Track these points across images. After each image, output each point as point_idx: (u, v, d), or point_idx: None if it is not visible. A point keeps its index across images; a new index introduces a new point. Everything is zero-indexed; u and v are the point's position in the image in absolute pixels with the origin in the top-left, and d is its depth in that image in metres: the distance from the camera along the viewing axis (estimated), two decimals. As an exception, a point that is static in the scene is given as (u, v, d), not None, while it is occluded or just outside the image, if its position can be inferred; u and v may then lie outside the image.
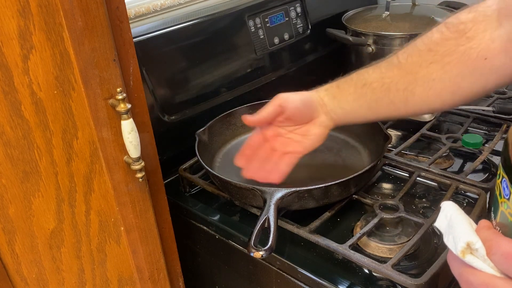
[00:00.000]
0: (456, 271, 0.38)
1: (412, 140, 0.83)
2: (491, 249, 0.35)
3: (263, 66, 0.98)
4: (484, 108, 0.90)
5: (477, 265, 0.36)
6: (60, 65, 0.48)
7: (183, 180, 0.79)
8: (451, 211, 0.38)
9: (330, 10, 1.12)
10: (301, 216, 0.67)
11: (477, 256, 0.36)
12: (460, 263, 0.37)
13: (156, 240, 0.64)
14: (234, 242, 0.70)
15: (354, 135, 0.85)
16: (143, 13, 0.85)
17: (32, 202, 0.51)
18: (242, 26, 0.93)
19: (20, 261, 0.52)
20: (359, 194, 0.71)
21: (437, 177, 0.73)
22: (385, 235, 0.64)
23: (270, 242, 0.56)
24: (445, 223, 0.38)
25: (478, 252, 0.36)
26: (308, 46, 1.08)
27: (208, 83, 0.88)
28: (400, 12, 1.08)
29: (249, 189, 0.65)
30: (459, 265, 0.37)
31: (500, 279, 0.35)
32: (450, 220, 0.38)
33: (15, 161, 0.48)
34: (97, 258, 0.59)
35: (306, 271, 0.61)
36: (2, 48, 0.44)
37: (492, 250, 0.35)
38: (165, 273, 0.67)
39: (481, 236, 0.36)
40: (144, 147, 0.57)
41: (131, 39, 0.54)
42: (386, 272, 0.55)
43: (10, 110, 0.46)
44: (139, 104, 0.57)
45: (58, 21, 0.46)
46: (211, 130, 0.83)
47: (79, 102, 0.51)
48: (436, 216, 0.61)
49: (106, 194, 0.57)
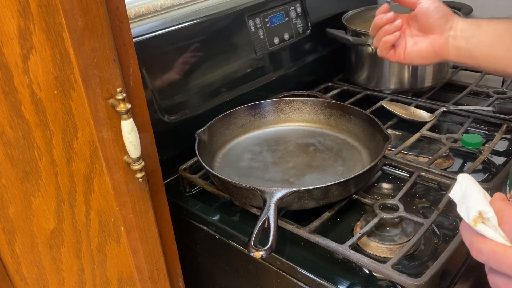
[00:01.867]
0: (467, 240, 0.38)
1: (412, 140, 0.83)
2: (502, 219, 0.36)
3: (263, 66, 0.98)
4: (484, 108, 0.90)
5: (488, 234, 0.36)
6: (60, 65, 0.48)
7: (183, 180, 0.79)
8: (466, 182, 0.39)
9: (330, 10, 1.12)
10: (301, 216, 0.67)
11: (489, 225, 0.36)
12: (472, 232, 0.37)
13: (156, 240, 0.64)
14: (234, 242, 0.70)
15: (354, 135, 0.85)
16: (143, 13, 0.85)
17: (32, 202, 0.51)
18: (242, 26, 0.93)
19: (20, 261, 0.52)
20: (359, 194, 0.71)
21: (437, 177, 0.73)
22: (385, 235, 0.64)
23: (270, 242, 0.56)
24: (460, 194, 0.39)
25: (489, 222, 0.36)
26: (308, 46, 1.08)
27: (208, 83, 0.88)
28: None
29: (249, 189, 0.65)
30: (471, 234, 0.38)
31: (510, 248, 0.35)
32: (465, 191, 0.38)
33: (15, 161, 0.48)
34: (97, 258, 0.59)
35: (306, 271, 0.61)
36: (2, 48, 0.44)
37: (503, 220, 0.36)
38: (165, 273, 0.67)
39: (494, 206, 0.36)
40: (144, 147, 0.57)
41: (131, 39, 0.54)
42: (386, 272, 0.55)
43: (10, 110, 0.46)
44: (139, 104, 0.57)
45: (58, 21, 0.46)
46: (211, 130, 0.83)
47: (79, 102, 0.51)
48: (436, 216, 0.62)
49: (106, 194, 0.57)
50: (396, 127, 0.91)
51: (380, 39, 0.70)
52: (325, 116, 0.90)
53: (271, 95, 0.99)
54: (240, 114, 0.88)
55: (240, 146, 0.87)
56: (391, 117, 0.92)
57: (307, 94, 1.01)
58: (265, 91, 0.99)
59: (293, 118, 0.91)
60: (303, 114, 0.91)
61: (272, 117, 0.91)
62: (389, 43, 0.70)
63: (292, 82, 1.06)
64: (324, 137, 0.87)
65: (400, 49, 0.70)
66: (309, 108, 0.91)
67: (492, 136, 0.83)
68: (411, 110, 0.94)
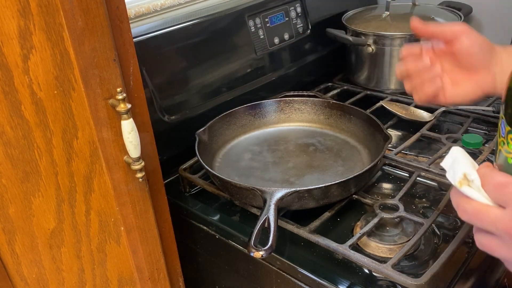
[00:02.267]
0: (454, 202, 0.42)
1: (412, 140, 0.83)
2: (485, 182, 0.40)
3: (263, 66, 0.98)
4: (484, 108, 0.90)
5: (472, 195, 0.40)
6: (60, 65, 0.48)
7: (183, 180, 0.79)
8: (457, 153, 0.42)
9: (330, 10, 1.12)
10: (301, 216, 0.67)
11: (473, 187, 0.40)
12: (459, 195, 0.41)
13: (156, 240, 0.64)
14: (234, 242, 0.70)
15: (354, 135, 0.85)
16: (143, 13, 0.85)
17: (32, 202, 0.51)
18: (242, 26, 0.93)
19: (20, 261, 0.52)
20: (359, 194, 0.71)
21: (437, 177, 0.73)
22: (385, 235, 0.64)
23: (270, 242, 0.56)
24: (450, 163, 0.42)
25: (473, 184, 0.40)
26: (308, 46, 1.08)
27: (208, 83, 0.88)
28: (400, 12, 1.08)
29: (249, 189, 0.65)
30: (458, 197, 0.42)
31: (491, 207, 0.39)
32: (455, 160, 0.42)
33: (15, 161, 0.48)
34: (97, 258, 0.59)
35: (306, 271, 0.61)
36: (2, 48, 0.44)
37: (486, 182, 0.40)
38: (165, 273, 0.67)
39: (479, 172, 0.40)
40: (144, 147, 0.57)
41: (131, 39, 0.54)
42: (386, 272, 0.55)
43: (10, 110, 0.46)
44: (139, 104, 0.57)
45: (58, 21, 0.46)
46: (211, 130, 0.83)
47: (79, 102, 0.51)
48: (436, 216, 0.62)
49: (106, 194, 0.57)
50: (396, 127, 0.91)
51: (415, 87, 0.62)
52: (325, 116, 0.90)
53: (271, 95, 0.99)
54: (240, 114, 0.89)
55: (240, 146, 0.87)
56: (391, 117, 0.92)
57: (307, 94, 1.01)
58: (265, 91, 0.99)
59: (293, 118, 0.91)
60: (303, 114, 0.91)
61: (272, 117, 0.91)
62: (430, 93, 0.61)
63: (292, 82, 1.06)
64: (324, 137, 0.87)
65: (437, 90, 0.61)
66: (309, 108, 0.91)
67: (492, 136, 0.83)
68: (411, 110, 0.94)
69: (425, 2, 1.12)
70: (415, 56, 0.62)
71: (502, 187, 0.38)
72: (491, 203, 0.39)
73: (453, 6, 1.08)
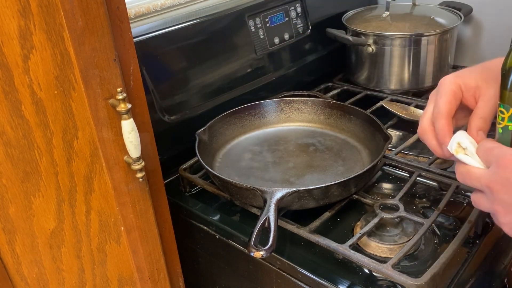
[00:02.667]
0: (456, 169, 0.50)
1: (412, 140, 0.83)
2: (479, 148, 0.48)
3: (263, 66, 0.98)
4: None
5: (466, 160, 0.48)
6: (61, 65, 0.48)
7: (183, 180, 0.79)
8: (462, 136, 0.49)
9: (330, 10, 1.12)
10: (301, 216, 0.67)
11: (468, 154, 0.48)
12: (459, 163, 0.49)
13: (156, 240, 0.64)
14: (234, 242, 0.70)
15: (354, 135, 0.85)
16: (143, 13, 0.85)
17: (32, 202, 0.51)
18: (242, 26, 0.93)
19: (20, 261, 0.52)
20: (359, 194, 0.71)
21: (437, 177, 0.73)
22: (385, 235, 0.64)
23: (270, 242, 0.56)
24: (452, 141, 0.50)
25: (468, 151, 0.48)
26: (308, 46, 1.08)
27: (208, 83, 0.88)
28: (400, 12, 1.08)
29: (249, 189, 0.65)
30: (458, 165, 0.49)
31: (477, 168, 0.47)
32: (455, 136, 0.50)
33: (16, 161, 0.48)
34: (97, 258, 0.59)
35: (306, 271, 0.61)
36: (3, 48, 0.44)
37: (479, 148, 0.48)
38: (165, 273, 0.67)
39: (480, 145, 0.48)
40: (144, 147, 0.57)
41: (131, 39, 0.54)
42: (386, 272, 0.55)
43: (10, 110, 0.46)
44: (139, 104, 0.57)
45: (58, 21, 0.46)
46: (211, 130, 0.83)
47: (79, 102, 0.51)
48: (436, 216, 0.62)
49: (106, 194, 0.57)
50: (396, 127, 0.91)
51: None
52: (325, 116, 0.90)
53: (271, 95, 0.99)
54: (240, 114, 0.89)
55: (240, 146, 0.87)
56: (391, 117, 0.92)
57: (307, 94, 1.01)
58: (265, 91, 0.99)
59: (293, 118, 0.91)
60: (303, 114, 0.91)
61: (272, 117, 0.91)
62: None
63: (292, 82, 1.06)
64: (324, 137, 0.87)
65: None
66: (309, 108, 0.91)
67: (492, 136, 0.83)
68: (411, 110, 0.94)
69: (425, 2, 1.12)
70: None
71: (490, 151, 0.46)
72: (482, 166, 0.47)
73: (453, 6, 1.08)
